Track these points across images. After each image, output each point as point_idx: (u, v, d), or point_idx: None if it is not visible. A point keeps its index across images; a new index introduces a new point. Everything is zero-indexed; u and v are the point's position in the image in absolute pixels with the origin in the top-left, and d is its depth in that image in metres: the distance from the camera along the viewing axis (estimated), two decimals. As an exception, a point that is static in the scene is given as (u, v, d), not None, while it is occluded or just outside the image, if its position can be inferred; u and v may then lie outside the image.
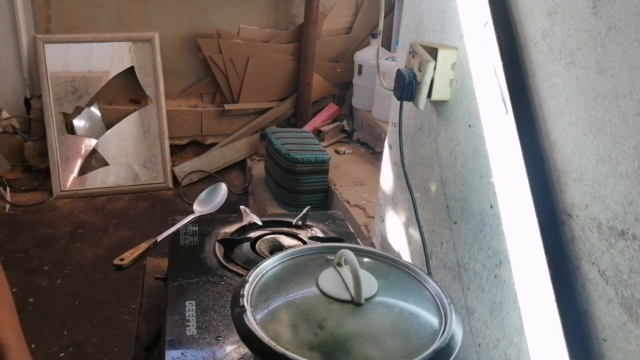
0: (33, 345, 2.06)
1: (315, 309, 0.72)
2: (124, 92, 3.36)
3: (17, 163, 3.26)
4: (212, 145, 3.57)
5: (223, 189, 1.35)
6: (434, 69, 1.17)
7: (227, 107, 3.51)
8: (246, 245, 1.22)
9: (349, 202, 2.60)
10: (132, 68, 3.26)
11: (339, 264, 0.77)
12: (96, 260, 2.60)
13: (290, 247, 1.19)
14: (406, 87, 1.22)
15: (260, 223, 1.31)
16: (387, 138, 1.66)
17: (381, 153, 1.74)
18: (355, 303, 0.72)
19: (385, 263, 0.88)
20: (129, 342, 2.09)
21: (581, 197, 0.82)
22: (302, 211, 1.36)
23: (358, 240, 1.37)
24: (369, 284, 0.75)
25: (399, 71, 1.26)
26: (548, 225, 0.87)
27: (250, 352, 0.75)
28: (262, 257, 1.15)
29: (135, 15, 3.30)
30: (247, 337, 0.74)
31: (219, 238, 1.24)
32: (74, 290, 2.38)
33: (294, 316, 0.73)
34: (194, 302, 1.03)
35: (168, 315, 1.00)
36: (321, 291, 0.74)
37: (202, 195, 1.35)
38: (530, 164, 0.91)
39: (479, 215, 1.10)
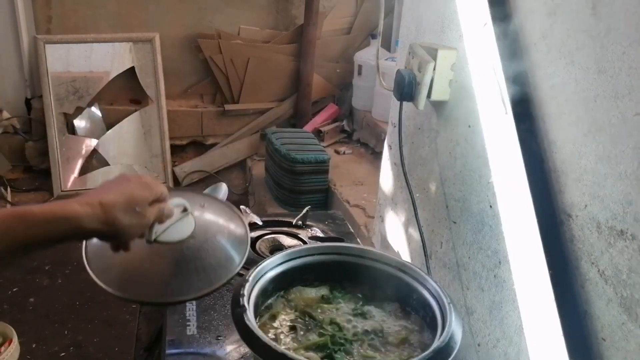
0: (34, 345, 2.06)
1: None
2: (125, 93, 3.36)
3: (17, 163, 3.26)
4: (213, 145, 3.57)
5: (223, 189, 1.35)
6: (434, 69, 1.17)
7: (228, 107, 3.51)
8: (246, 245, 1.22)
9: (349, 202, 2.60)
10: (132, 68, 3.26)
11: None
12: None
13: (290, 247, 1.20)
14: (406, 87, 1.22)
15: (260, 223, 1.31)
16: (387, 138, 1.66)
17: (381, 153, 1.75)
18: (147, 241, 0.80)
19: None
20: (129, 341, 2.09)
21: (580, 197, 0.82)
22: (302, 211, 1.36)
23: (358, 240, 1.37)
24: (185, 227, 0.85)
25: (398, 71, 1.26)
26: (547, 225, 0.87)
27: (250, 352, 0.76)
28: (262, 257, 1.15)
29: (136, 16, 3.30)
30: (247, 336, 0.74)
31: (219, 238, 1.25)
32: (74, 289, 2.38)
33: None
34: (194, 302, 1.03)
35: (168, 315, 1.00)
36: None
37: (202, 195, 1.35)
38: (530, 164, 0.92)
39: (479, 215, 1.10)
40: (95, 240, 0.85)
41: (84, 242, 0.87)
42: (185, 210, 0.86)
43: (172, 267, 0.86)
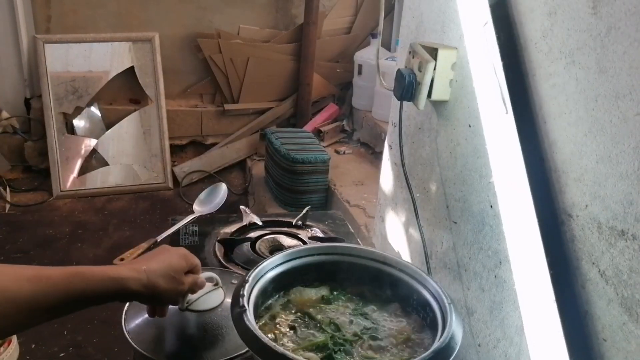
0: (33, 345, 2.06)
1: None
2: (124, 92, 3.36)
3: (17, 163, 3.26)
4: (212, 145, 3.57)
5: (223, 189, 1.35)
6: (434, 69, 1.17)
7: (227, 107, 3.51)
8: (246, 245, 1.22)
9: (349, 202, 2.60)
10: (132, 68, 3.26)
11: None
12: (96, 260, 2.59)
13: (290, 247, 1.19)
14: (406, 87, 1.22)
15: (260, 223, 1.31)
16: (387, 138, 1.66)
17: (381, 153, 1.74)
18: (180, 308, 0.89)
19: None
20: (128, 342, 2.09)
21: (581, 197, 0.82)
22: (302, 211, 1.36)
23: (358, 240, 1.37)
24: (214, 298, 0.93)
25: (399, 71, 1.26)
26: (548, 225, 0.87)
27: (250, 352, 0.75)
28: (262, 257, 1.15)
29: (135, 15, 3.30)
30: (247, 337, 0.74)
31: (219, 238, 1.25)
32: (74, 290, 2.38)
33: None
34: (194, 302, 1.02)
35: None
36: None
37: (202, 195, 1.35)
38: (530, 164, 0.91)
39: (479, 215, 1.10)
40: (133, 308, 0.96)
41: (125, 308, 0.96)
42: (216, 284, 0.94)
43: (197, 333, 0.93)
